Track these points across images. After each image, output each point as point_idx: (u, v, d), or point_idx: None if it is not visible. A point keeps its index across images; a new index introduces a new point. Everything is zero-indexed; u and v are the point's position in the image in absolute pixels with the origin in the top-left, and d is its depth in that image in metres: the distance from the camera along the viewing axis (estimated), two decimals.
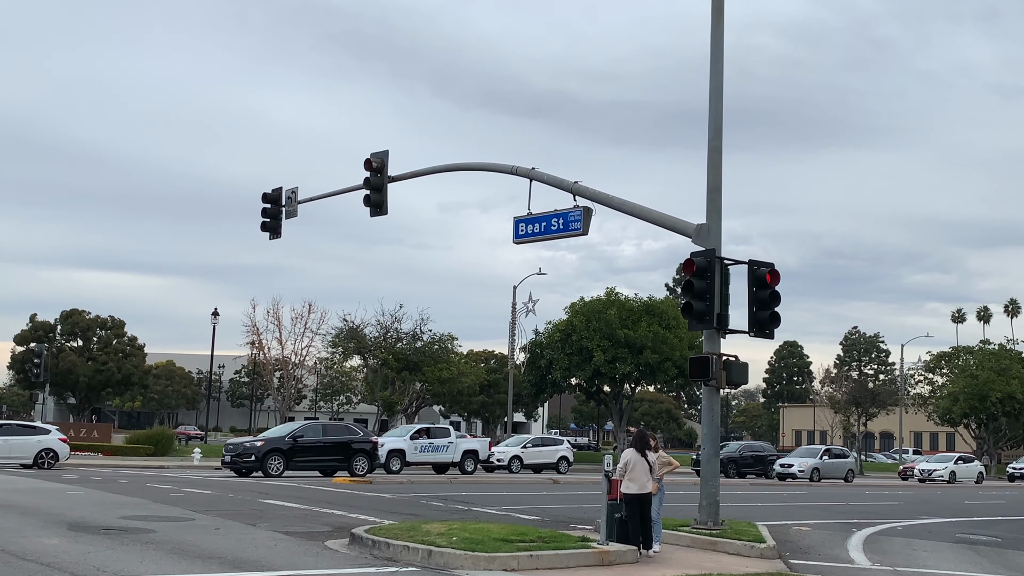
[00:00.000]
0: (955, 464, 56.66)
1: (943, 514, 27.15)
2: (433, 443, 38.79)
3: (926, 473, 55.39)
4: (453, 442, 39.45)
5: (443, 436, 39.75)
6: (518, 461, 43.79)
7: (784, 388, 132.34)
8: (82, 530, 14.41)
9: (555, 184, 19.90)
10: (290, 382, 60.20)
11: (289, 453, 32.07)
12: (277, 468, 31.46)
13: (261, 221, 25.39)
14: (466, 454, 39.71)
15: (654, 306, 62.62)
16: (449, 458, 39.20)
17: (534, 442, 46.96)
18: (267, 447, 31.81)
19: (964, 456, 60.81)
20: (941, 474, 54.68)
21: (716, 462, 17.33)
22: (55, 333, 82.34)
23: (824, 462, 50.26)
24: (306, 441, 32.78)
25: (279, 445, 32.08)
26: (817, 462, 49.50)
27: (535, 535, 14.36)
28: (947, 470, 55.12)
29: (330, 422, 38.84)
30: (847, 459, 52.82)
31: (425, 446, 38.52)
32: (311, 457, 32.81)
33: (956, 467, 56.11)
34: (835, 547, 17.29)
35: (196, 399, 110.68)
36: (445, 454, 39.11)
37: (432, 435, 39.41)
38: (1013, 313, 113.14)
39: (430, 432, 39.68)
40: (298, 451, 32.35)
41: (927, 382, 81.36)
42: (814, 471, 48.48)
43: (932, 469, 55.81)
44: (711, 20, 17.86)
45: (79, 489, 22.96)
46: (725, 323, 16.66)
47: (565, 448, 47.19)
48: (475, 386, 66.36)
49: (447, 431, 40.76)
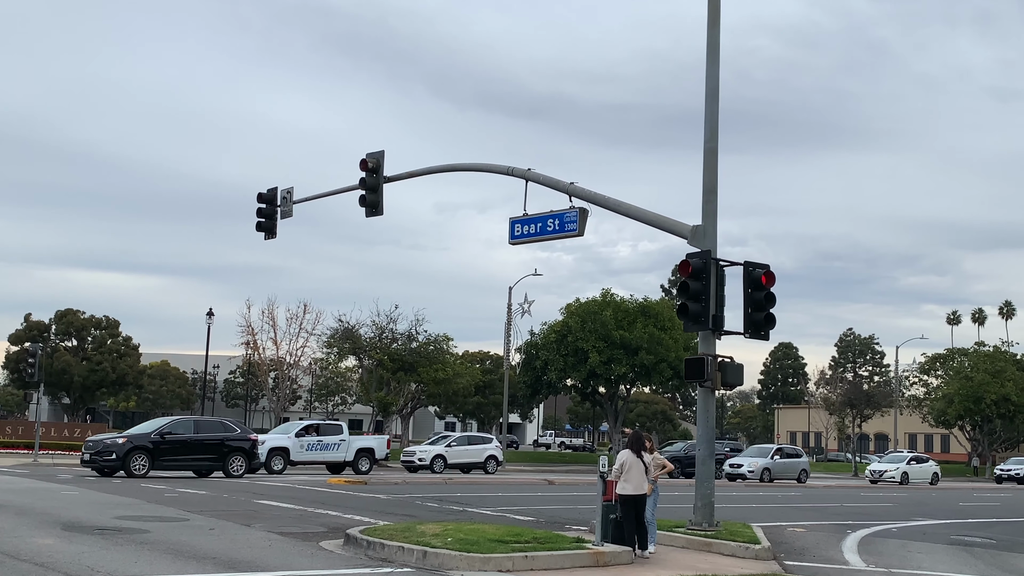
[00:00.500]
0: (907, 465, 54.20)
1: (938, 516, 27.19)
2: (322, 441, 37.06)
3: (877, 474, 53.17)
4: (346, 440, 37.73)
5: (334, 433, 37.95)
6: (441, 460, 42.46)
7: (779, 389, 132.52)
8: (76, 530, 14.38)
9: (551, 185, 19.91)
10: (285, 383, 60.20)
11: (155, 451, 29.85)
12: (141, 468, 29.22)
13: (256, 221, 25.37)
14: (361, 453, 37.88)
15: (650, 307, 62.67)
16: (341, 457, 37.44)
17: (460, 440, 45.56)
18: (130, 445, 29.54)
19: (918, 456, 58.36)
20: (892, 475, 52.46)
21: (711, 463, 17.33)
22: (50, 333, 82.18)
23: (775, 462, 48.55)
24: (175, 438, 30.45)
25: (144, 443, 29.81)
26: (768, 462, 47.78)
27: (530, 536, 14.36)
28: (898, 471, 52.82)
29: (204, 418, 36.53)
30: (800, 459, 50.92)
31: (313, 444, 36.83)
32: (181, 456, 30.58)
33: (909, 468, 53.71)
34: (830, 548, 17.31)
35: (191, 399, 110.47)
36: (336, 453, 37.35)
37: (322, 432, 37.64)
38: (1008, 315, 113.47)
39: (319, 429, 37.92)
40: (166, 449, 30.12)
41: (922, 384, 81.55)
42: (764, 471, 46.83)
43: (883, 470, 53.49)
44: (707, 22, 17.88)
45: (73, 489, 22.93)
46: (720, 324, 16.66)
47: (494, 447, 45.87)
48: (470, 387, 66.37)
49: (339, 428, 38.82)
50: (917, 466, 54.64)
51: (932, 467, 56.11)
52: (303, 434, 36.97)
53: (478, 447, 45.06)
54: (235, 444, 31.57)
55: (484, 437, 48.64)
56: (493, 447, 45.57)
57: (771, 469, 47.45)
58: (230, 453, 31.32)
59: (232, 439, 31.68)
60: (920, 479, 53.38)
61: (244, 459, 31.63)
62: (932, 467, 56.11)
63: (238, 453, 31.52)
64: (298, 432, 37.00)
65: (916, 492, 43.74)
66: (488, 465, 43.96)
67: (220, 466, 31.04)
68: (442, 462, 42.32)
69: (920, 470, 54.35)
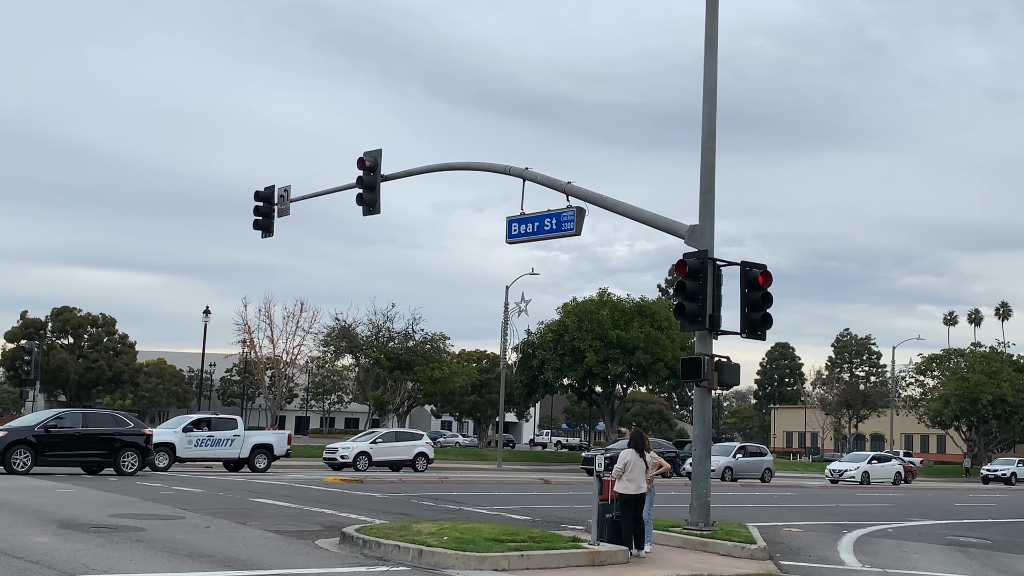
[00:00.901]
0: (868, 464, 52.26)
1: (933, 516, 27.23)
2: (213, 436, 34.95)
3: (836, 474, 51.44)
4: (240, 435, 35.63)
5: (227, 428, 35.71)
6: (365, 458, 40.45)
7: (776, 389, 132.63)
8: (72, 528, 14.37)
9: (548, 184, 19.91)
10: (281, 381, 60.16)
11: (39, 446, 27.98)
12: (23, 464, 27.38)
13: (254, 219, 25.36)
14: (257, 449, 35.75)
15: (646, 307, 62.68)
16: (235, 453, 35.38)
17: (386, 437, 43.16)
18: (10, 438, 27.71)
19: (880, 455, 56.31)
20: (852, 475, 50.63)
21: (707, 463, 17.34)
22: (46, 330, 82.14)
23: (738, 461, 46.81)
24: (62, 432, 28.61)
25: (26, 436, 27.97)
26: (730, 461, 45.96)
27: (526, 535, 14.36)
28: (859, 471, 51.03)
29: (94, 410, 34.09)
30: (764, 458, 49.08)
31: (203, 439, 34.74)
32: (69, 451, 28.71)
33: (870, 467, 51.83)
34: (825, 548, 17.33)
35: (187, 397, 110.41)
36: (229, 449, 35.25)
37: (213, 426, 35.44)
38: (1004, 316, 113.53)
39: (211, 423, 35.60)
40: (51, 444, 28.26)
41: (918, 384, 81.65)
42: (726, 470, 44.93)
43: (843, 470, 51.66)
44: (705, 22, 17.88)
45: (69, 487, 22.91)
46: (717, 324, 16.67)
47: (424, 444, 43.57)
48: (467, 386, 66.38)
49: (233, 422, 36.51)
50: (879, 465, 53.01)
51: (895, 466, 54.40)
52: (192, 429, 34.93)
53: (406, 444, 43.11)
54: (128, 439, 29.63)
55: (413, 433, 46.22)
56: (423, 444, 43.51)
57: (733, 468, 45.82)
58: (122, 448, 29.38)
59: (125, 433, 29.77)
60: (882, 479, 51.90)
61: (138, 455, 29.65)
62: (895, 466, 54.40)
63: (131, 448, 29.55)
64: (186, 427, 34.96)
65: (911, 492, 43.75)
66: (418, 463, 42.14)
67: (111, 462, 29.18)
68: (366, 459, 40.47)
69: (882, 469, 52.76)
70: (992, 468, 64.40)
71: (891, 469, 53.35)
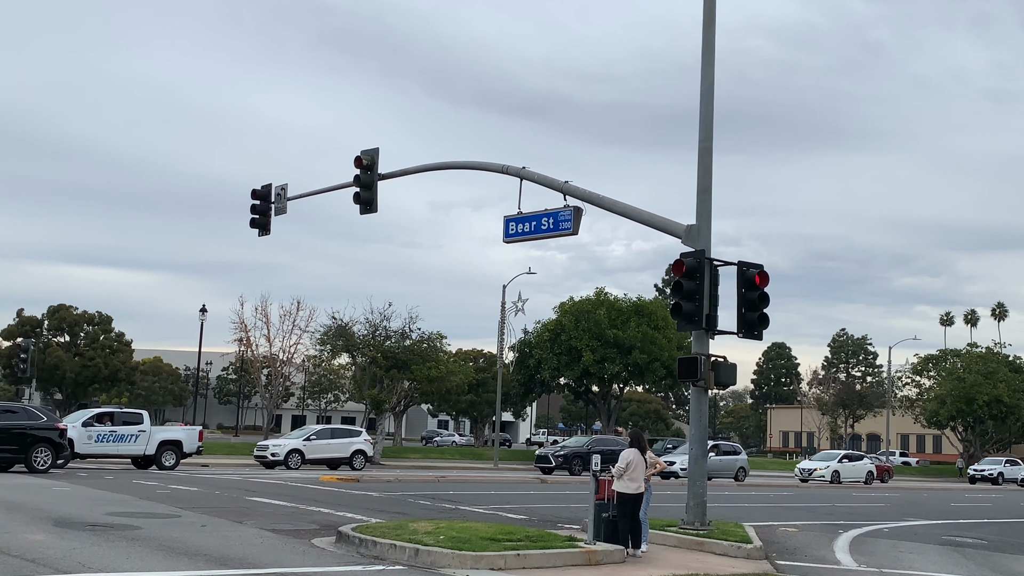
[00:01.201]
0: (839, 463, 51.16)
1: (929, 516, 27.25)
2: (116, 431, 32.96)
3: (806, 472, 50.45)
4: (146, 430, 33.64)
5: (133, 423, 33.72)
6: (298, 456, 39.01)
7: (772, 389, 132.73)
8: (68, 526, 14.35)
9: (546, 184, 19.91)
10: (278, 379, 60.09)
11: None
12: None
13: (250, 217, 25.33)
14: (164, 445, 33.83)
15: (643, 306, 62.72)
16: (140, 450, 33.37)
17: (321, 434, 41.37)
18: None
19: (851, 454, 55.41)
20: (822, 474, 49.74)
21: (704, 463, 17.35)
22: (42, 328, 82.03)
23: (711, 460, 44.34)
24: None
25: None
26: (839, 466, 45.59)
27: (522, 534, 14.36)
28: (829, 469, 50.05)
29: (4, 403, 31.91)
30: (738, 456, 48.02)
31: (104, 435, 32.75)
32: None
33: (840, 466, 50.81)
34: (821, 548, 17.33)
35: (183, 396, 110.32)
36: (133, 445, 33.23)
37: (117, 421, 33.50)
38: (1000, 317, 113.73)
39: (114, 417, 33.71)
40: None
41: (914, 384, 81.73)
42: (835, 474, 44.86)
43: (812, 468, 50.70)
44: (703, 21, 17.88)
45: (65, 485, 22.88)
46: (714, 324, 16.68)
47: (362, 441, 41.96)
48: (464, 385, 66.25)
49: (138, 416, 34.55)
50: (849, 464, 52.01)
51: (867, 465, 53.47)
52: (93, 423, 33.02)
53: (343, 441, 41.37)
54: (41, 434, 28.15)
55: (351, 430, 44.41)
56: (360, 441, 41.87)
57: (840, 472, 45.07)
58: (35, 444, 27.87)
59: (37, 428, 28.33)
60: (853, 478, 50.99)
61: (51, 451, 28.23)
62: (867, 465, 53.47)
63: (44, 444, 28.08)
64: (86, 421, 33.00)
65: (907, 493, 43.75)
66: (355, 461, 40.53)
67: (22, 459, 27.64)
68: (299, 457, 39.05)
69: (853, 468, 51.78)
70: (979, 468, 64.46)
71: (862, 468, 52.52)
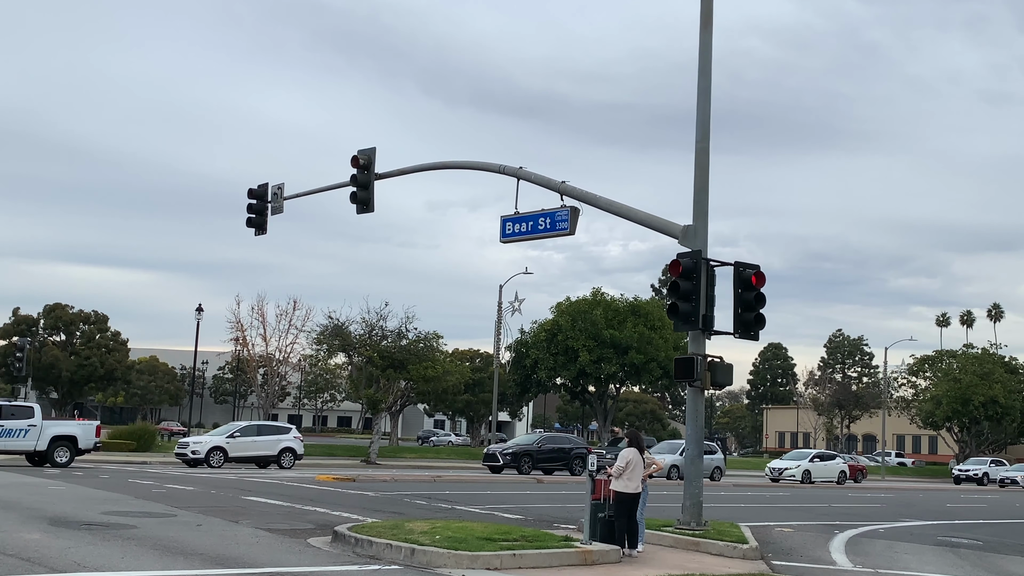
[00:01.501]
0: (810, 463, 49.70)
1: (925, 517, 27.29)
2: (4, 425, 30.79)
3: (777, 472, 48.95)
4: (37, 425, 31.46)
5: (22, 417, 31.53)
6: (220, 453, 36.82)
7: (768, 390, 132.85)
8: (63, 525, 14.33)
9: (543, 184, 19.90)
10: (274, 379, 60.04)
11: None
12: None
13: (247, 217, 25.29)
14: (57, 441, 31.70)
15: (640, 307, 62.72)
16: (30, 445, 31.22)
17: (246, 431, 39.14)
18: None
19: (823, 453, 54.18)
20: (793, 474, 48.20)
21: (700, 463, 17.38)
22: (38, 327, 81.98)
23: (816, 465, 45.49)
24: None
25: None
26: (677, 459, 41.42)
27: (518, 534, 14.36)
28: (799, 469, 48.48)
29: None
30: (714, 456, 46.08)
31: None
32: None
33: (811, 465, 49.36)
34: (817, 548, 17.35)
35: (179, 395, 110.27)
36: (23, 440, 31.03)
37: (4, 415, 31.19)
38: (996, 318, 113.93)
39: (1, 411, 31.42)
40: None
41: (910, 385, 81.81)
42: (672, 468, 41.56)
43: (783, 468, 49.15)
44: (700, 22, 17.89)
45: (60, 484, 22.86)
46: (710, 324, 16.69)
47: (291, 438, 39.65)
48: (460, 385, 66.19)
49: (29, 411, 32.41)
50: (821, 464, 50.56)
51: (839, 465, 52.10)
52: None
53: (270, 438, 39.03)
54: None
55: (280, 427, 42.13)
56: (290, 438, 39.62)
57: (678, 466, 41.00)
58: None
59: None
60: (825, 478, 49.62)
61: None
62: (839, 465, 52.10)
63: None
64: None
65: (903, 493, 43.82)
66: (283, 459, 38.50)
67: None
68: (221, 455, 36.87)
69: (824, 468, 50.35)
70: (964, 468, 64.35)
71: (834, 468, 51.24)
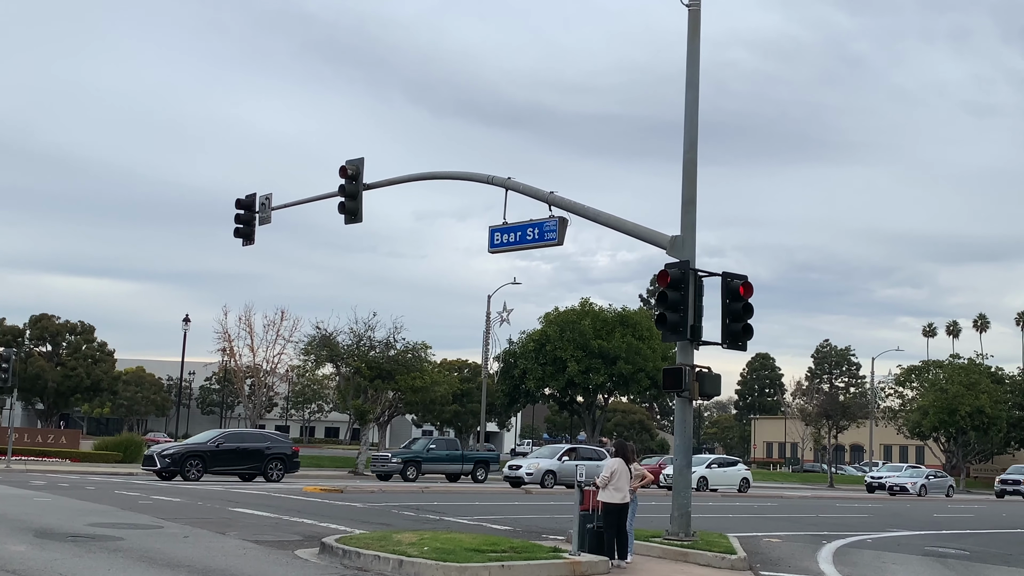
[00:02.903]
0: (707, 469, 46.51)
1: (912, 527, 27.34)
2: None
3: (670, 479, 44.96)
4: None
5: None
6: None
7: (756, 400, 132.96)
8: (49, 537, 14.24)
9: (531, 194, 19.92)
10: (261, 390, 59.81)
11: None
12: None
13: (234, 227, 25.24)
14: None
15: (628, 317, 62.79)
16: None
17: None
18: None
19: (722, 459, 51.81)
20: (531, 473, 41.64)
21: (689, 473, 17.37)
22: (23, 338, 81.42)
23: (564, 465, 39.28)
24: None
25: None
26: (554, 464, 39.11)
27: (507, 545, 14.33)
28: (695, 475, 40.59)
29: None
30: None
31: None
32: None
33: (708, 472, 46.29)
34: (805, 559, 17.35)
35: (166, 406, 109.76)
36: None
37: None
38: (982, 328, 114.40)
39: None
40: None
41: (897, 395, 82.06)
42: (547, 475, 38.62)
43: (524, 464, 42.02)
44: (687, 32, 17.96)
45: (46, 495, 22.70)
46: (698, 335, 16.71)
47: None
48: (448, 395, 66.15)
49: None
50: (720, 470, 48.00)
51: (741, 471, 49.51)
52: None
53: None
54: None
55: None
56: None
57: (556, 473, 38.97)
58: None
59: None
60: (724, 485, 46.92)
61: None
62: (741, 471, 49.51)
63: None
64: None
65: (890, 503, 43.89)
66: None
67: None
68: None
69: (724, 475, 47.77)
70: (877, 476, 61.34)
71: (736, 475, 48.28)
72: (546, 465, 39.37)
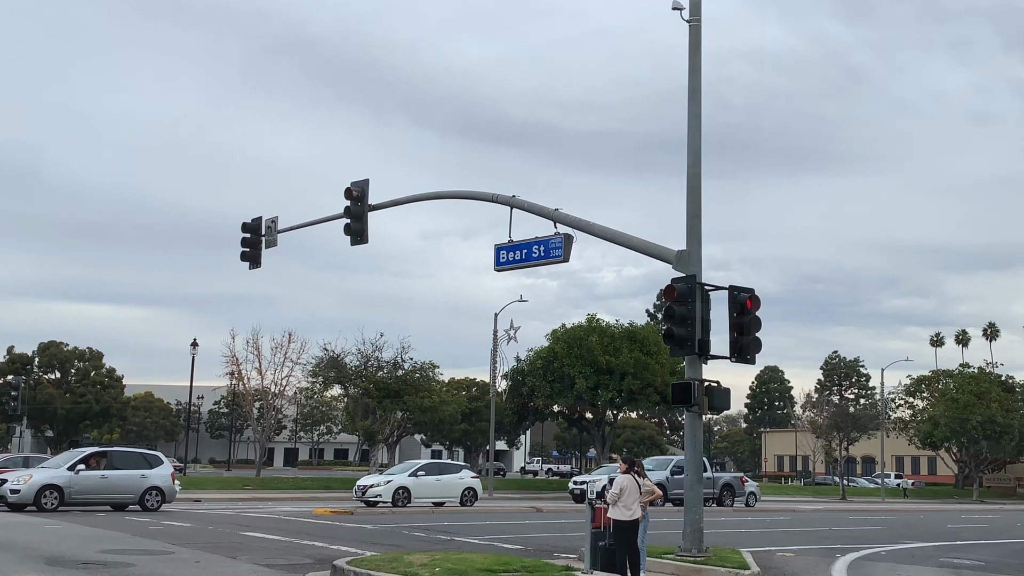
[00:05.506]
0: (411, 477, 37.17)
1: (927, 538, 27.17)
2: None
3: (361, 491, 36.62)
4: None
5: None
6: None
7: (766, 413, 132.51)
8: (60, 565, 14.21)
9: (536, 212, 19.94)
10: (270, 412, 59.84)
11: None
12: None
13: (241, 251, 25.31)
14: None
15: (635, 332, 62.61)
16: None
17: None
18: None
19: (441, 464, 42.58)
20: (379, 493, 35.90)
21: (699, 488, 17.29)
22: (32, 365, 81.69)
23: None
24: None
25: None
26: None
27: (519, 565, 14.27)
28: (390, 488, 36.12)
29: None
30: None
31: None
32: None
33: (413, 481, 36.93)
34: (819, 573, 17.25)
35: (175, 431, 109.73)
36: None
37: None
38: (992, 337, 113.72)
39: None
40: None
41: (908, 406, 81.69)
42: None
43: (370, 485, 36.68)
44: (688, 48, 17.99)
45: (57, 523, 22.68)
46: (706, 349, 16.66)
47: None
48: (457, 414, 66.17)
49: None
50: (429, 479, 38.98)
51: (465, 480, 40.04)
52: None
53: None
54: None
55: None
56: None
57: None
58: None
59: None
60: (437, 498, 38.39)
61: None
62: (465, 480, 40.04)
63: None
64: None
65: (904, 515, 43.62)
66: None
67: None
68: None
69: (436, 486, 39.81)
70: None
71: (456, 485, 38.91)
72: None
